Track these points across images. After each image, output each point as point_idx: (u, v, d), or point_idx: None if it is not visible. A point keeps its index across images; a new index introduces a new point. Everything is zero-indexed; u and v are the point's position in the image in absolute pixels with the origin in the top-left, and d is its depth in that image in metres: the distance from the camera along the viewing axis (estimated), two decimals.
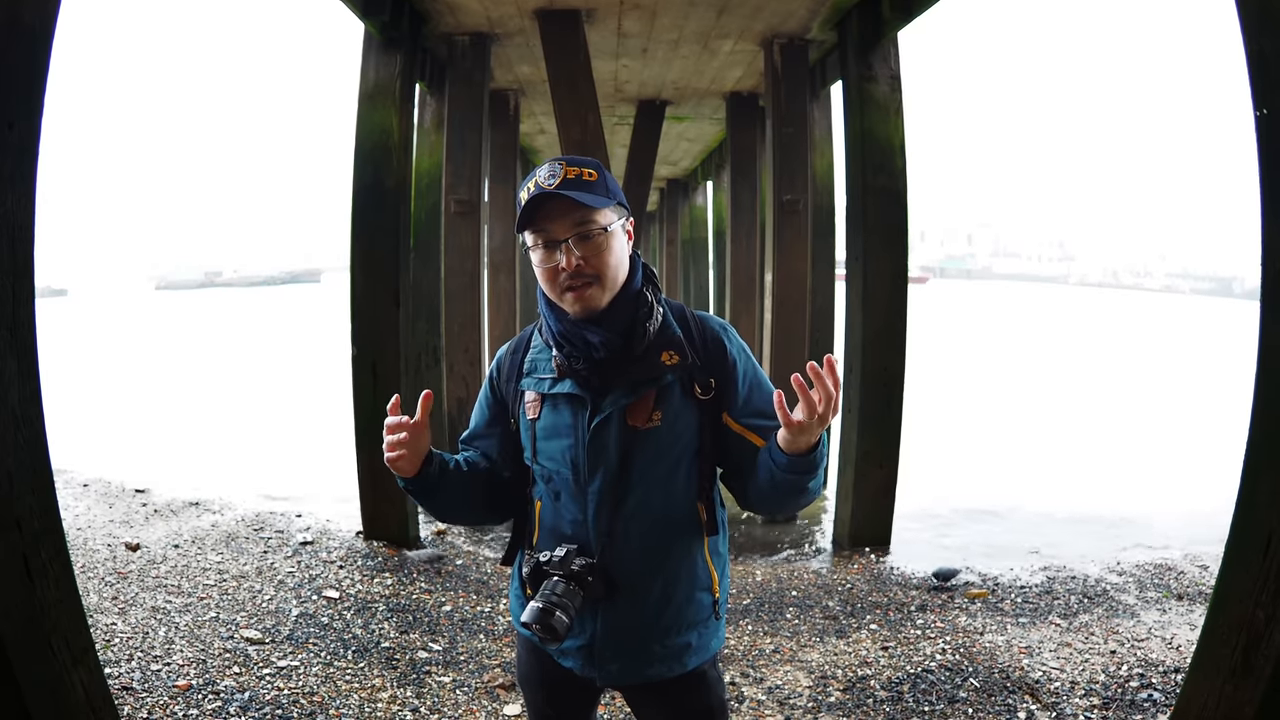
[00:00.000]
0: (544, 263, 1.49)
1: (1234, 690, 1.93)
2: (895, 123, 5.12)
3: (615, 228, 1.51)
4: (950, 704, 3.12)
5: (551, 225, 1.47)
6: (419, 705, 3.08)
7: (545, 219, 1.47)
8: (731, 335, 1.59)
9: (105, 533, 4.93)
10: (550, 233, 1.47)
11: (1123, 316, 42.63)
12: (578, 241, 1.47)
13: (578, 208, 1.46)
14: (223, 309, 40.36)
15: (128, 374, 15.86)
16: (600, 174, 1.49)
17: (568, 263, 1.46)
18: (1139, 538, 5.68)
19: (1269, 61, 1.86)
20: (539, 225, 1.48)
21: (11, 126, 1.73)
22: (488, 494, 1.64)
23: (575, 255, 1.46)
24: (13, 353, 1.76)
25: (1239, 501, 2.02)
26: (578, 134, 5.75)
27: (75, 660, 1.92)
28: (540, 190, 1.45)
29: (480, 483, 1.62)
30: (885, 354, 5.15)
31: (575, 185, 1.45)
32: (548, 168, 1.47)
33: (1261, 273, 1.95)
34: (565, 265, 1.46)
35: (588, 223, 1.47)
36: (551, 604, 1.43)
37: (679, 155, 12.28)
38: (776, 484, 1.45)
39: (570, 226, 1.46)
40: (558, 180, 1.45)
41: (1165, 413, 12.42)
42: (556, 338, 1.53)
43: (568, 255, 1.46)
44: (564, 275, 1.47)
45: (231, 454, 8.64)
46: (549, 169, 1.47)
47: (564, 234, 1.47)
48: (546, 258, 1.49)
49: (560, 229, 1.47)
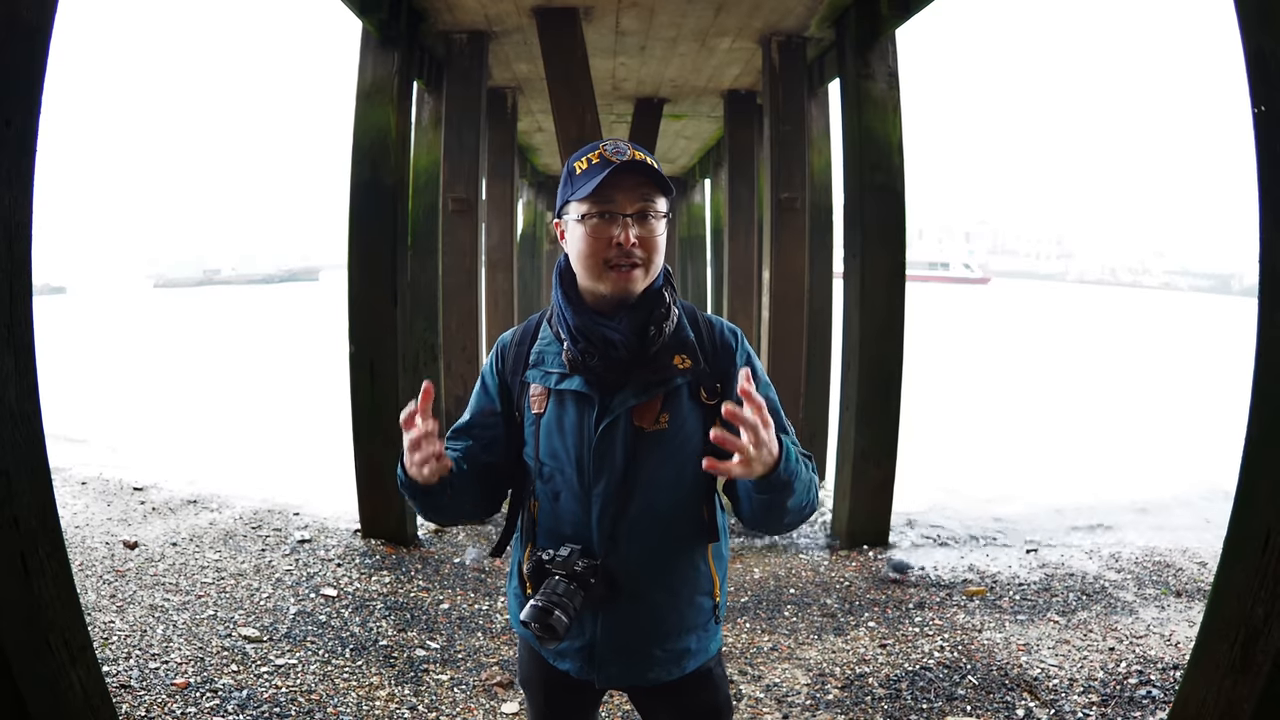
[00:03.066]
0: (597, 233, 1.45)
1: (1232, 686, 1.94)
2: (893, 120, 5.12)
3: (668, 217, 1.50)
4: (949, 701, 3.12)
5: (619, 196, 1.44)
6: (417, 703, 3.08)
7: (614, 189, 1.44)
8: (741, 342, 1.58)
9: (103, 531, 4.92)
10: (616, 204, 1.44)
11: (1121, 314, 42.66)
12: (639, 219, 1.45)
13: (648, 185, 1.44)
14: (221, 307, 40.26)
15: (126, 371, 15.83)
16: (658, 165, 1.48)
17: (625, 238, 1.43)
18: (1138, 535, 5.68)
19: (1267, 59, 1.86)
20: (606, 194, 1.44)
21: (9, 124, 1.73)
22: (483, 492, 1.59)
23: (634, 232, 1.44)
24: (10, 350, 1.76)
25: (1237, 498, 2.02)
26: (575, 132, 5.75)
27: (73, 658, 1.92)
28: (616, 162, 1.42)
29: (478, 481, 1.57)
30: (883, 351, 5.15)
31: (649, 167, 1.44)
32: (613, 144, 1.45)
33: (1259, 270, 1.96)
34: (623, 240, 1.44)
35: (653, 203, 1.46)
36: (551, 603, 1.41)
37: (677, 153, 12.28)
38: (755, 505, 1.43)
39: (636, 201, 1.44)
40: (628, 156, 1.43)
41: (1164, 410, 12.45)
42: (572, 330, 1.49)
43: (626, 230, 1.44)
44: (615, 252, 1.44)
45: (229, 452, 8.62)
46: (614, 145, 1.44)
47: (629, 208, 1.44)
48: (602, 228, 1.45)
49: (627, 202, 1.44)
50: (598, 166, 1.43)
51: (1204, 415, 11.22)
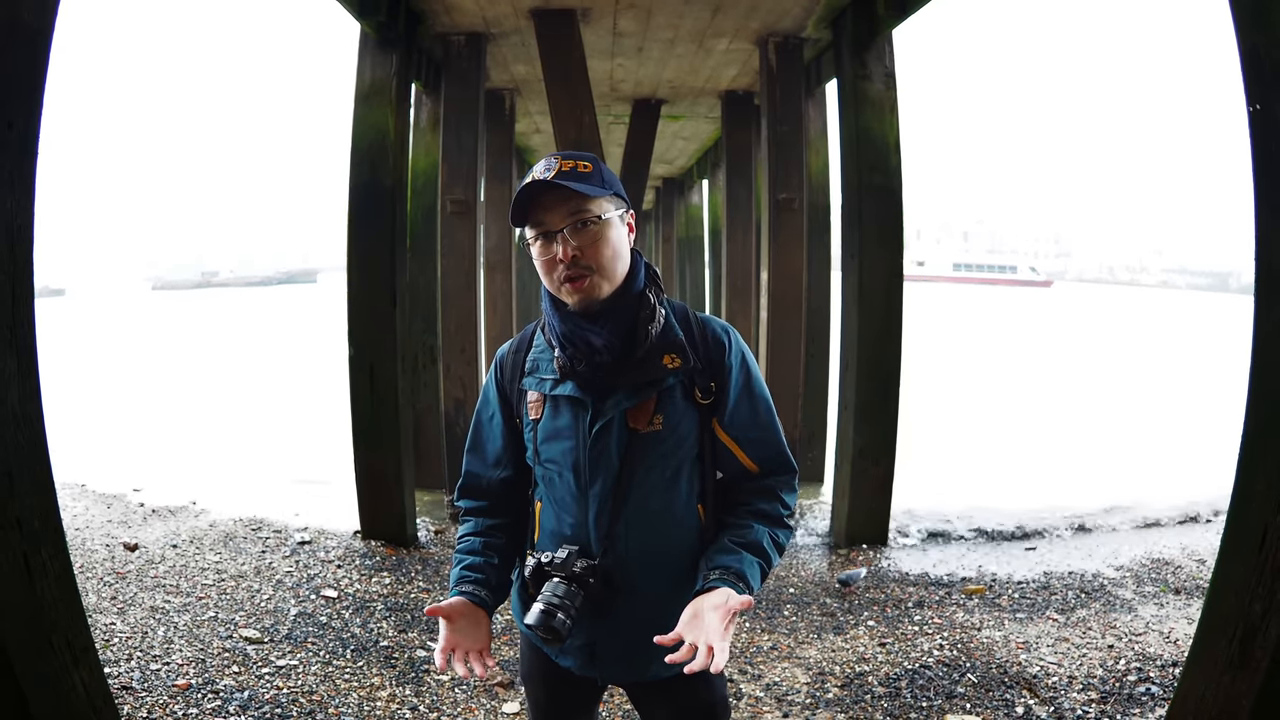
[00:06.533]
0: (542, 254, 1.48)
1: (1231, 682, 1.94)
2: (890, 120, 5.12)
3: (612, 217, 1.49)
4: (948, 699, 3.13)
5: (547, 216, 1.46)
6: (418, 703, 3.09)
7: (541, 210, 1.46)
8: (733, 340, 1.58)
9: (104, 533, 4.92)
10: (546, 224, 1.46)
11: (1120, 312, 42.69)
12: (573, 231, 1.45)
13: (572, 197, 1.45)
14: (219, 309, 40.28)
15: (125, 374, 15.81)
16: (596, 165, 1.49)
17: (564, 253, 1.45)
18: (1136, 533, 5.69)
19: (1261, 58, 1.87)
20: (535, 217, 1.47)
21: (11, 126, 1.73)
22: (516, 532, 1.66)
23: (571, 245, 1.45)
24: (12, 352, 1.76)
25: (1235, 495, 2.03)
26: (573, 133, 5.76)
27: (75, 659, 1.92)
28: (533, 181, 1.44)
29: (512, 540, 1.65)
30: (881, 351, 5.15)
31: (570, 176, 1.44)
32: (544, 162, 1.47)
33: (1256, 267, 1.97)
34: (562, 256, 1.45)
35: (583, 211, 1.46)
36: (553, 605, 1.43)
37: (674, 154, 12.28)
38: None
39: (565, 216, 1.45)
40: (553, 173, 1.44)
41: (1162, 408, 12.45)
42: (560, 337, 1.52)
43: (564, 245, 1.45)
44: (561, 266, 1.46)
45: (229, 453, 8.62)
46: (545, 163, 1.46)
47: (559, 224, 1.46)
48: (544, 249, 1.47)
49: (555, 219, 1.46)
50: (524, 186, 1.45)
51: (1200, 412, 11.22)
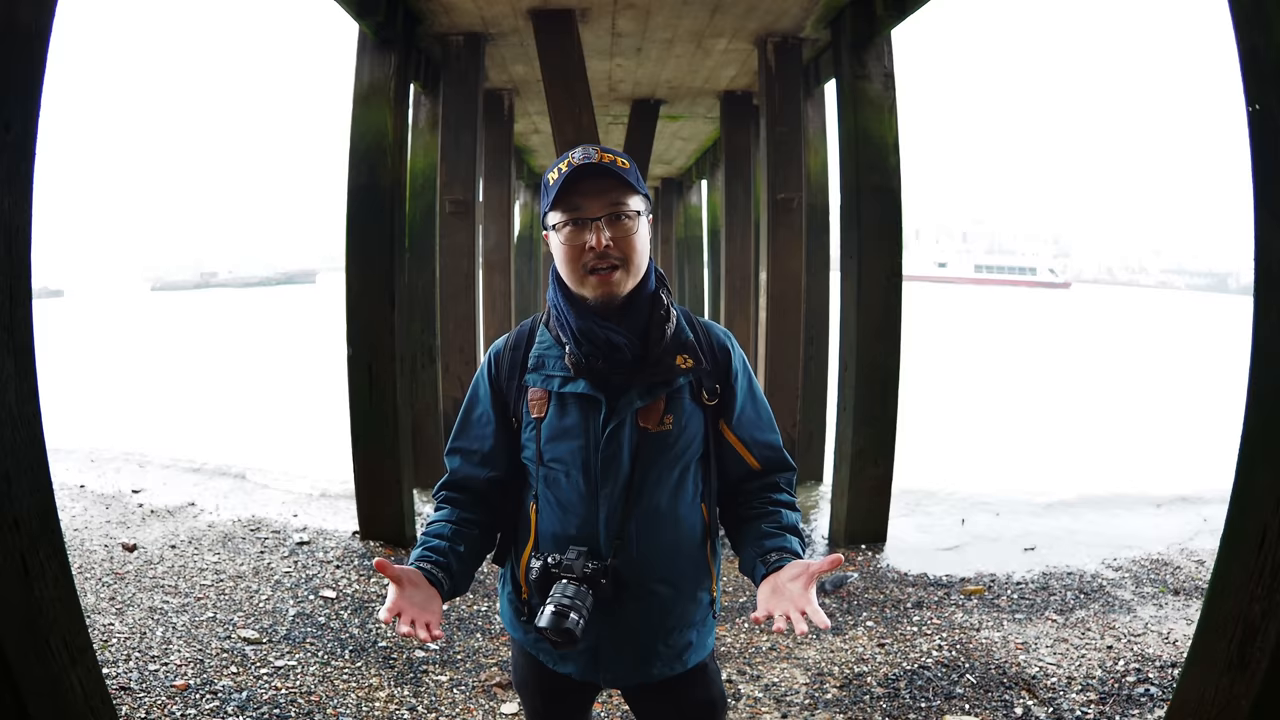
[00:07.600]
0: (571, 240, 1.45)
1: (1230, 684, 1.94)
2: (889, 121, 5.12)
3: (644, 216, 1.49)
4: (947, 700, 3.13)
5: (586, 203, 1.44)
6: (416, 704, 3.08)
7: (578, 195, 1.44)
8: (735, 345, 1.60)
9: (102, 533, 4.92)
10: (584, 210, 1.44)
11: (1119, 312, 42.71)
12: (610, 222, 1.44)
13: (615, 188, 1.44)
14: (218, 309, 40.22)
15: (125, 374, 15.79)
16: (632, 164, 1.48)
17: (597, 241, 1.43)
18: (1136, 532, 5.69)
19: (1261, 58, 1.87)
20: (572, 202, 1.45)
21: (8, 128, 1.73)
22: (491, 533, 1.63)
23: (606, 235, 1.44)
24: (10, 353, 1.75)
25: (1234, 495, 2.03)
26: (572, 134, 5.75)
27: (74, 660, 1.92)
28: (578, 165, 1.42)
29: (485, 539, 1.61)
30: (880, 352, 5.15)
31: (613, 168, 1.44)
32: (581, 150, 1.45)
33: (1255, 268, 1.96)
34: (595, 244, 1.43)
35: (621, 204, 1.45)
36: (564, 607, 1.40)
37: (673, 154, 12.28)
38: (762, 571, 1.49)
39: (605, 205, 1.44)
40: (594, 159, 1.42)
41: (1162, 408, 12.45)
42: (575, 334, 1.49)
43: (598, 234, 1.43)
44: (590, 256, 1.44)
45: (228, 454, 8.60)
46: (583, 151, 1.44)
47: (598, 212, 1.44)
48: (574, 235, 1.45)
49: (595, 207, 1.44)
50: (572, 168, 1.43)
51: (1200, 412, 11.22)
